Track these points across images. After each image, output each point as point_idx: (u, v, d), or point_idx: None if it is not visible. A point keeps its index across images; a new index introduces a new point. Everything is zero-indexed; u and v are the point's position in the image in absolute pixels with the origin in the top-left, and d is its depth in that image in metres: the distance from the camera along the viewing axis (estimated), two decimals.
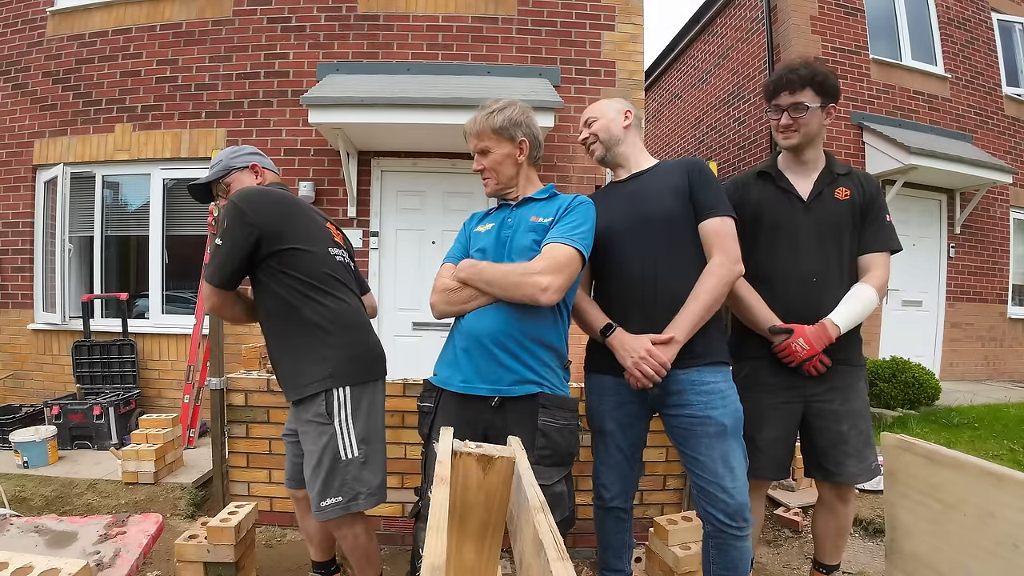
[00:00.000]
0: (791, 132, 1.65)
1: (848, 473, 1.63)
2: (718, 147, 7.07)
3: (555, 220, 1.49)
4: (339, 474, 1.54)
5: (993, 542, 1.08)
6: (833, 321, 1.58)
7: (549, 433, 1.40)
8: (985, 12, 6.35)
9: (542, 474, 1.39)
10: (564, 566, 0.46)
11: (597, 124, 1.68)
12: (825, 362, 1.58)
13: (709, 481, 1.46)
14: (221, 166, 1.74)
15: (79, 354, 4.06)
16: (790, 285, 1.65)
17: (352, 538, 1.65)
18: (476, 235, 1.59)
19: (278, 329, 1.61)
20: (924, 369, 4.42)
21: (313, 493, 1.56)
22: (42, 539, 1.31)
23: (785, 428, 1.68)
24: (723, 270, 1.49)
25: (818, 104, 1.62)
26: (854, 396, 1.65)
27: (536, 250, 1.45)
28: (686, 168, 1.60)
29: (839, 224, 1.65)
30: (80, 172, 4.54)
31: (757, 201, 1.71)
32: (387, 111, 3.61)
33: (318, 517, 1.57)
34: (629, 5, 4.36)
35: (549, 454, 1.40)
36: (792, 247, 1.66)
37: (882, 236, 1.67)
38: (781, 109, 1.64)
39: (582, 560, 2.32)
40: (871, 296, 1.62)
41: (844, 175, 1.70)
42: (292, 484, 1.78)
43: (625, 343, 1.49)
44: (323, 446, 1.54)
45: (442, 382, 1.51)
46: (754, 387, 1.69)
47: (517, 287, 1.38)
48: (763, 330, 1.64)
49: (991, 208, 6.13)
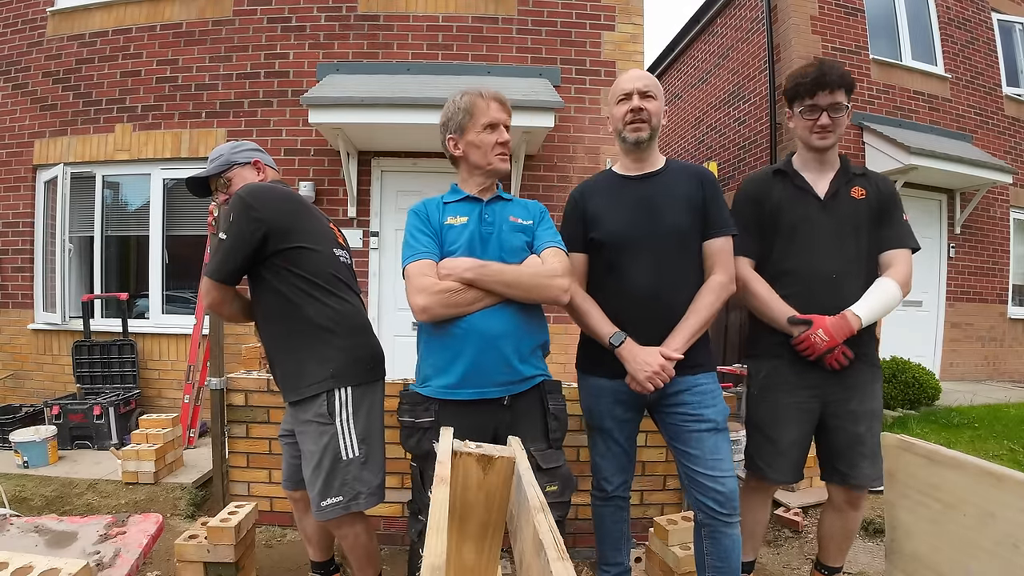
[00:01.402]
0: (828, 132, 1.62)
1: (862, 475, 1.61)
2: (718, 147, 7.07)
3: (537, 223, 1.56)
4: (340, 474, 1.53)
5: (993, 542, 1.08)
6: (854, 312, 1.56)
7: (559, 415, 1.51)
8: (985, 12, 6.35)
9: (554, 458, 1.48)
10: (564, 566, 0.46)
11: (654, 104, 1.57)
12: (848, 354, 1.55)
13: (701, 472, 1.51)
14: (222, 160, 1.69)
15: (79, 354, 4.06)
16: (809, 282, 1.63)
17: (353, 537, 1.64)
18: (449, 228, 1.49)
19: (278, 329, 1.59)
20: (924, 369, 4.42)
21: (313, 493, 1.55)
22: (42, 539, 1.31)
23: (803, 430, 1.67)
24: (724, 291, 1.56)
25: (848, 105, 1.63)
26: (871, 397, 1.63)
27: (527, 251, 1.52)
28: (699, 179, 1.61)
29: (856, 222, 1.64)
30: (80, 172, 4.54)
31: (775, 199, 1.69)
32: (387, 111, 3.61)
33: (318, 517, 1.56)
34: (629, 5, 4.36)
35: (560, 435, 1.52)
36: (810, 245, 1.64)
37: (902, 234, 1.66)
38: (819, 109, 1.60)
39: (582, 560, 2.31)
40: (894, 290, 1.59)
41: (860, 175, 1.69)
42: (290, 485, 1.77)
43: (637, 356, 1.51)
44: (324, 446, 1.53)
45: (440, 392, 1.45)
46: (774, 388, 1.68)
47: (542, 289, 1.44)
48: (781, 324, 1.62)
49: (991, 208, 6.13)
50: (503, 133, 1.50)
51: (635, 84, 1.57)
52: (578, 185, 1.78)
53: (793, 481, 1.75)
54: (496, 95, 1.52)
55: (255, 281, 1.59)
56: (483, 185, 1.55)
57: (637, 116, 1.56)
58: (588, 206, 1.65)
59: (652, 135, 1.59)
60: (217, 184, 1.73)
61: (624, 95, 1.58)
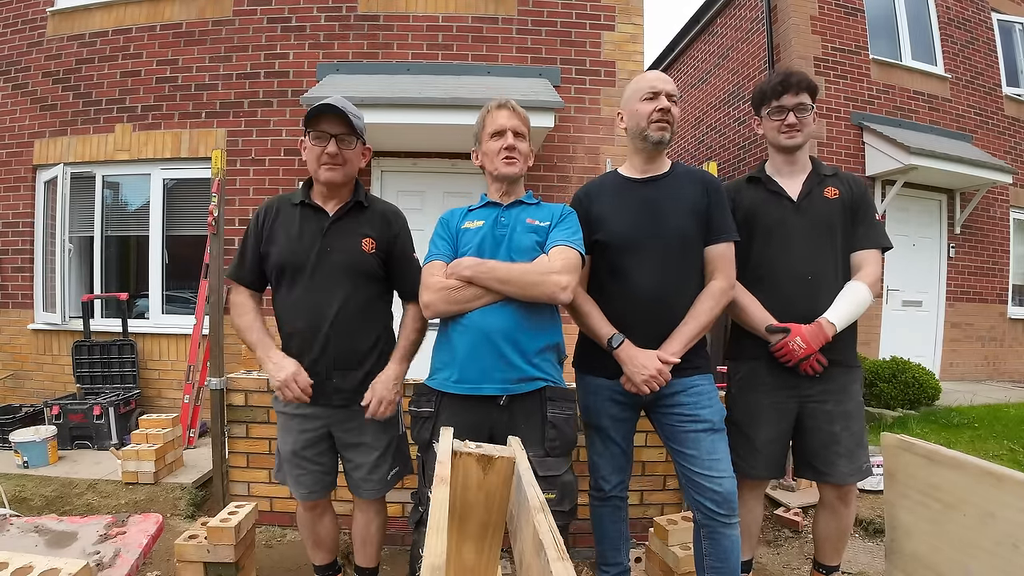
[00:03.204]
0: (795, 132, 1.69)
1: (839, 473, 1.65)
2: (718, 147, 7.07)
3: (553, 224, 1.54)
4: (400, 446, 1.76)
5: (993, 542, 1.09)
6: (828, 320, 1.60)
7: (558, 424, 1.48)
8: (985, 12, 6.34)
9: (552, 465, 1.47)
10: (564, 566, 0.46)
11: (677, 109, 1.61)
12: (822, 361, 1.60)
13: (699, 473, 1.52)
14: (362, 124, 1.69)
15: (79, 354, 4.06)
16: (786, 285, 1.67)
17: (385, 512, 1.83)
18: (465, 232, 1.56)
19: (379, 334, 1.71)
20: (924, 369, 4.42)
21: (378, 475, 1.69)
22: (42, 539, 1.31)
23: (781, 428, 1.70)
24: (724, 297, 1.58)
25: (813, 106, 1.69)
26: (848, 398, 1.67)
27: (537, 251, 1.50)
28: (705, 184, 1.62)
29: (830, 223, 1.68)
30: (80, 172, 4.54)
31: (749, 205, 1.74)
32: (387, 111, 3.62)
33: (381, 491, 1.72)
34: (629, 5, 4.36)
35: (559, 444, 1.48)
36: (785, 247, 1.68)
37: (872, 234, 1.70)
38: (786, 109, 1.68)
39: (582, 560, 2.31)
40: (864, 293, 1.64)
41: (831, 176, 1.74)
42: (314, 496, 1.73)
43: (635, 359, 1.52)
44: (389, 430, 1.71)
45: (443, 384, 1.50)
46: (751, 387, 1.72)
47: (536, 286, 1.42)
48: (760, 331, 1.66)
49: (991, 208, 6.13)
50: (508, 138, 1.54)
51: (665, 86, 1.59)
52: (583, 186, 1.79)
53: (770, 477, 1.79)
54: (502, 102, 1.58)
55: (379, 282, 1.70)
56: (501, 191, 1.59)
57: (664, 116, 1.57)
58: (592, 208, 1.66)
59: (671, 138, 1.61)
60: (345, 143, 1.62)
61: (652, 93, 1.58)
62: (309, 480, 1.70)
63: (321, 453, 1.70)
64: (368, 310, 1.65)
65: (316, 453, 1.69)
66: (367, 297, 1.65)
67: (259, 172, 4.30)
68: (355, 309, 1.62)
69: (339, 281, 1.60)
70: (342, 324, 1.60)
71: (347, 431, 1.67)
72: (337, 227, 1.63)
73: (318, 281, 1.59)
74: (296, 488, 1.72)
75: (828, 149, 5.36)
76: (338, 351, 1.61)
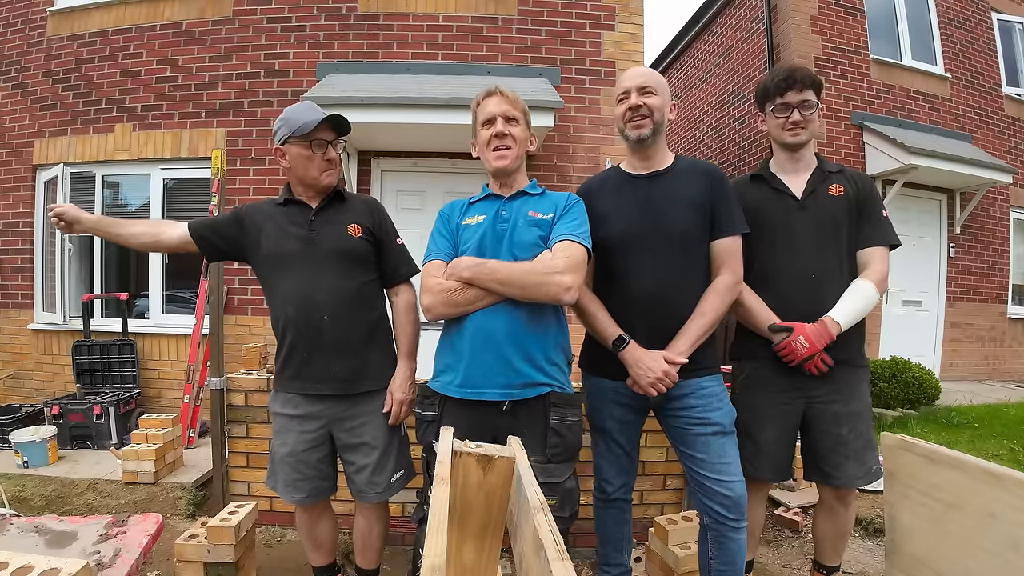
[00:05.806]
0: (800, 129, 1.66)
1: (847, 476, 1.62)
2: (718, 147, 7.06)
3: (557, 217, 1.47)
4: (403, 449, 1.75)
5: (993, 542, 1.08)
6: (833, 318, 1.57)
7: (561, 431, 1.43)
8: (985, 12, 6.34)
9: (554, 472, 1.43)
10: (564, 566, 0.46)
11: (656, 100, 1.53)
12: (827, 361, 1.57)
13: (708, 477, 1.49)
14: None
15: (79, 354, 4.05)
16: (790, 283, 1.65)
17: (387, 515, 1.83)
18: (465, 228, 1.51)
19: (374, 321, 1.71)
20: (924, 369, 4.42)
21: (381, 476, 1.68)
22: (42, 539, 1.31)
23: (786, 429, 1.67)
24: (730, 293, 1.54)
25: (818, 103, 1.66)
26: (855, 398, 1.64)
27: (541, 246, 1.44)
28: (708, 178, 1.57)
29: (836, 220, 1.65)
30: (80, 172, 4.54)
31: (752, 204, 1.71)
32: (387, 111, 3.61)
33: (384, 496, 1.69)
34: (629, 5, 4.36)
35: (561, 451, 1.44)
36: (790, 246, 1.66)
37: (879, 231, 1.67)
38: (790, 107, 1.65)
39: (582, 560, 2.31)
40: (870, 291, 1.60)
41: (836, 172, 1.71)
42: (310, 500, 1.72)
43: (640, 360, 1.48)
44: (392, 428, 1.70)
45: (446, 387, 1.47)
46: (756, 388, 1.69)
47: (539, 287, 1.36)
48: (764, 330, 1.63)
49: (991, 208, 6.13)
50: (497, 125, 1.48)
51: (633, 81, 1.55)
52: (584, 182, 1.75)
53: (775, 479, 1.76)
54: (491, 90, 1.52)
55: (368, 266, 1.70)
56: (500, 182, 1.54)
57: (636, 113, 1.53)
58: (594, 205, 1.61)
59: (656, 131, 1.55)
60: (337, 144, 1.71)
61: (623, 93, 1.57)
62: (306, 485, 1.68)
63: (321, 460, 1.69)
64: (360, 295, 1.67)
65: (316, 459, 1.68)
66: (359, 283, 1.66)
67: (259, 172, 4.31)
68: (348, 294, 1.63)
69: (329, 267, 1.62)
70: (335, 309, 1.61)
71: (347, 431, 1.67)
72: (322, 217, 1.67)
73: (308, 269, 1.62)
74: (289, 493, 1.69)
75: (828, 149, 5.36)
76: (334, 337, 1.61)
